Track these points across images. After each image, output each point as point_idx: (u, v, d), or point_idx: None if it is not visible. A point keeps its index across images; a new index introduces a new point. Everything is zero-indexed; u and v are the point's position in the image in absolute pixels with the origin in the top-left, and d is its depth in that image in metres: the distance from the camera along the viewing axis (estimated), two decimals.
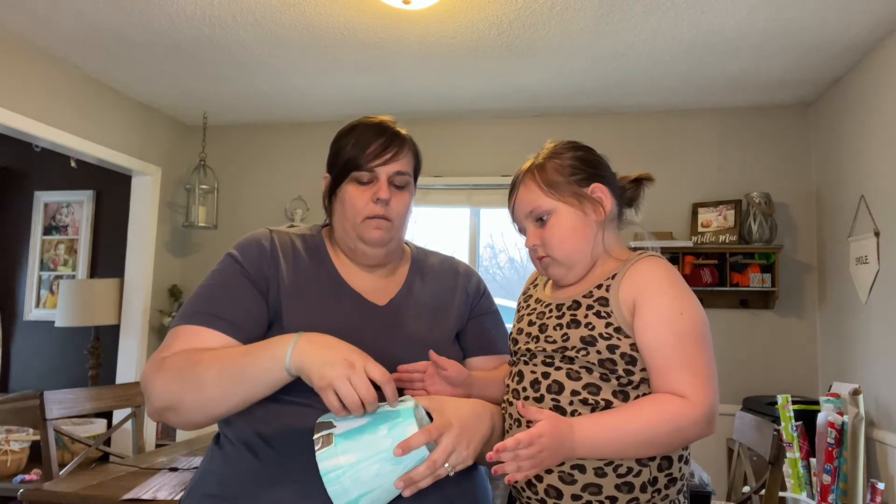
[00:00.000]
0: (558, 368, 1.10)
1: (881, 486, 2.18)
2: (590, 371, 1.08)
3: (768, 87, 3.52)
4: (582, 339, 1.08)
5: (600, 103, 3.82)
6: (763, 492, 1.89)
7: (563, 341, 1.10)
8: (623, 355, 1.07)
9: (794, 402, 2.44)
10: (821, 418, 2.44)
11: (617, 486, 1.04)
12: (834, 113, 3.45)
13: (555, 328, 1.13)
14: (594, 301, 1.11)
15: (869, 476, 2.84)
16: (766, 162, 3.78)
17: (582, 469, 1.04)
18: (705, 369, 1.05)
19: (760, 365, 3.67)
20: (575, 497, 1.05)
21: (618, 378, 1.07)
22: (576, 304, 1.13)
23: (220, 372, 1.04)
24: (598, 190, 1.17)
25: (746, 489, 2.07)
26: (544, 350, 1.12)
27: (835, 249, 3.42)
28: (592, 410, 1.06)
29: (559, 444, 1.00)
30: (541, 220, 1.17)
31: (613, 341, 1.07)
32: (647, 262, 1.12)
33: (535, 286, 1.28)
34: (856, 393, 2.48)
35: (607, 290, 1.11)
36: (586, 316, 1.10)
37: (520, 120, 4.07)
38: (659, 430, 1.02)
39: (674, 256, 3.61)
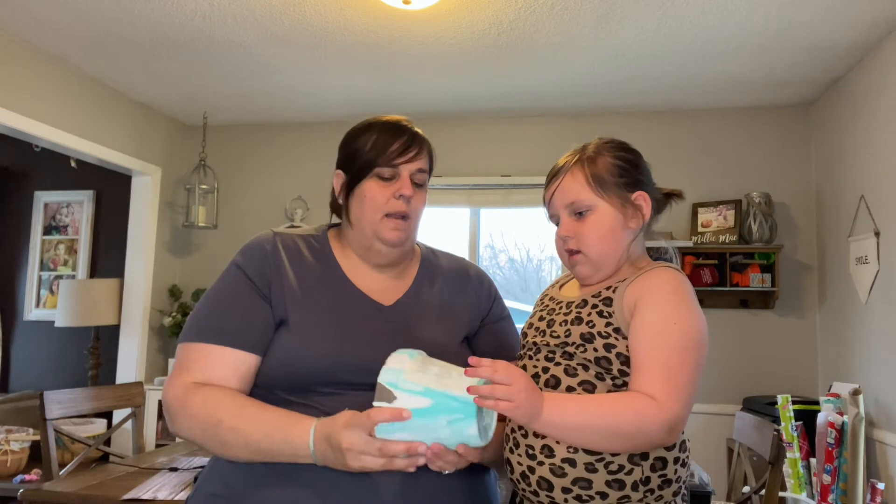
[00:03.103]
0: (557, 364, 1.11)
1: (881, 486, 2.18)
2: (586, 368, 1.09)
3: (768, 87, 3.51)
4: (581, 336, 1.09)
5: (600, 103, 3.82)
6: (763, 492, 1.90)
7: (566, 337, 1.11)
8: (619, 355, 1.07)
9: (794, 402, 2.44)
10: (821, 418, 2.44)
11: (607, 483, 1.04)
12: (834, 113, 3.45)
13: (560, 324, 1.14)
14: (599, 301, 1.12)
15: (869, 476, 2.84)
16: (766, 162, 3.78)
17: (573, 463, 1.05)
18: (682, 379, 1.03)
19: (760, 365, 3.67)
20: (566, 490, 1.05)
21: (612, 378, 1.08)
22: (583, 303, 1.14)
23: (244, 446, 1.09)
24: (642, 198, 1.17)
25: (746, 489, 2.07)
26: (548, 344, 1.14)
27: (835, 249, 3.42)
28: None
29: (530, 390, 1.01)
30: (579, 214, 1.16)
31: (611, 340, 1.08)
32: (659, 271, 1.12)
33: (553, 287, 1.30)
34: (856, 393, 2.48)
35: (614, 292, 1.12)
36: (589, 314, 1.11)
37: (520, 120, 4.07)
38: (621, 420, 1.01)
39: None
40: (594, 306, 1.12)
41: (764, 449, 1.96)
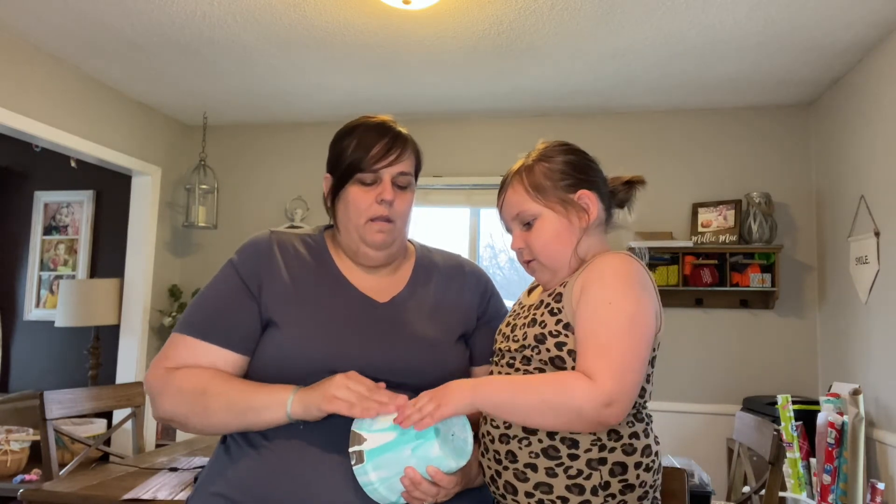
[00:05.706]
0: (517, 369, 1.13)
1: (881, 486, 2.18)
2: (542, 371, 1.10)
3: (768, 87, 3.51)
4: (535, 338, 1.11)
5: (600, 103, 3.82)
6: (763, 492, 1.90)
7: (523, 340, 1.13)
8: (570, 352, 1.08)
9: (794, 402, 2.44)
10: (821, 418, 2.44)
11: (567, 488, 1.05)
12: (834, 113, 3.45)
13: (520, 328, 1.15)
14: (552, 299, 1.14)
15: (869, 476, 2.84)
16: (766, 162, 3.78)
17: (534, 468, 1.06)
18: (618, 358, 1.02)
19: (760, 365, 3.67)
20: (528, 494, 1.07)
21: None
22: (540, 304, 1.16)
23: (227, 406, 1.13)
24: (586, 197, 1.17)
25: (746, 489, 2.07)
26: (509, 349, 1.16)
27: (835, 249, 3.42)
28: None
29: (443, 387, 1.07)
30: (527, 225, 1.18)
31: (561, 338, 1.09)
32: (604, 256, 1.13)
33: (525, 292, 1.31)
34: (856, 393, 2.47)
35: (565, 287, 1.13)
36: (542, 314, 1.13)
37: (520, 120, 4.07)
38: (547, 393, 1.02)
39: (674, 256, 3.61)
40: (547, 305, 1.13)
41: (764, 449, 1.96)
